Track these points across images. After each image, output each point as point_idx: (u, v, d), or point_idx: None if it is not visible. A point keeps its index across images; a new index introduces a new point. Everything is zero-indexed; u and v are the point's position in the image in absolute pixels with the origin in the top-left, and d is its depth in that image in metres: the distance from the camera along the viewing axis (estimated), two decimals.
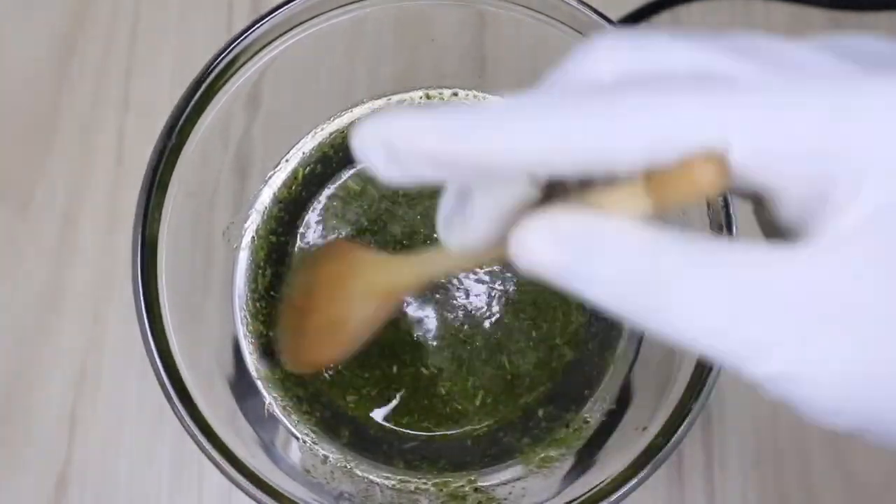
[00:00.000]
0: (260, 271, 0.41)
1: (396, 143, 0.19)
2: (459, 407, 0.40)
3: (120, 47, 0.48)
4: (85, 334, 0.44)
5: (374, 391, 0.40)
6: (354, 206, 0.42)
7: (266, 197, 0.41)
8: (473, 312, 0.40)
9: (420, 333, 0.40)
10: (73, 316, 0.44)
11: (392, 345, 0.40)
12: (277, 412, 0.39)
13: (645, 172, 0.18)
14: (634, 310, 0.18)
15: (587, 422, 0.38)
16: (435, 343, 0.40)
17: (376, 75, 0.42)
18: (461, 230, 0.22)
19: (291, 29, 0.36)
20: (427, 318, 0.40)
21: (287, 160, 0.42)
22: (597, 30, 0.35)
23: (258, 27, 0.34)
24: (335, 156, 0.42)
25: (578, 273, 0.18)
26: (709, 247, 0.18)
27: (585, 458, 0.37)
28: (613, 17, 0.35)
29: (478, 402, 0.40)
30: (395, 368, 0.40)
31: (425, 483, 0.38)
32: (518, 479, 0.37)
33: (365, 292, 0.29)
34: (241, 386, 0.38)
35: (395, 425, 0.40)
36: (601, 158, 0.18)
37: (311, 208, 0.42)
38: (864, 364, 0.18)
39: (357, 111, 0.42)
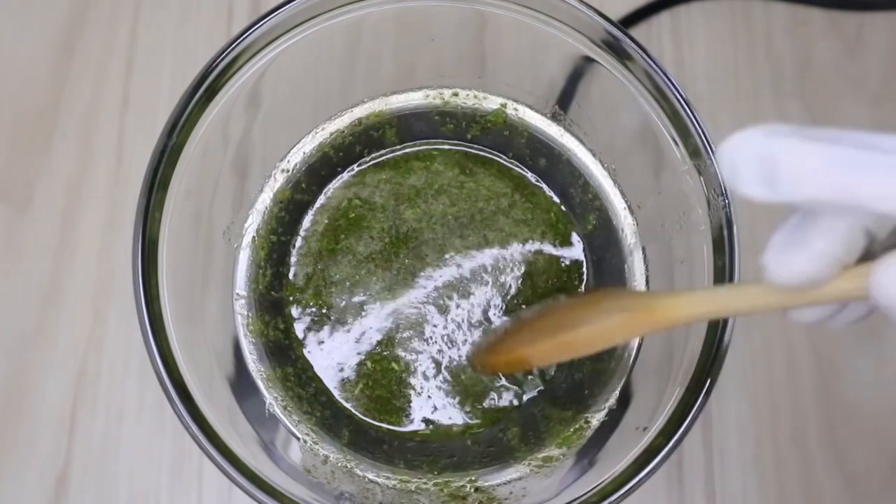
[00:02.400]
0: (260, 271, 0.41)
1: (779, 162, 0.19)
2: (459, 407, 0.40)
3: (120, 47, 0.48)
4: (85, 334, 0.44)
5: (375, 392, 0.40)
6: (356, 206, 0.42)
7: (266, 197, 0.41)
8: (473, 313, 0.40)
9: (422, 336, 0.40)
10: (73, 316, 0.44)
11: (392, 345, 0.40)
12: (277, 412, 0.39)
13: None
14: None
15: (587, 422, 0.38)
16: (435, 343, 0.40)
17: (376, 75, 0.42)
18: (797, 262, 0.22)
19: (291, 29, 0.36)
20: (428, 319, 0.40)
21: (287, 160, 0.42)
22: (597, 30, 0.35)
23: (258, 27, 0.34)
24: (335, 156, 0.42)
25: None
26: None
27: (585, 458, 0.36)
28: (613, 16, 0.35)
29: (478, 402, 0.40)
30: (392, 370, 0.40)
31: (425, 483, 0.38)
32: (518, 478, 0.37)
33: (614, 309, 0.30)
34: (241, 386, 0.38)
35: (395, 425, 0.40)
36: None
37: (312, 208, 0.42)
38: None
39: (357, 111, 0.42)
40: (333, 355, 0.40)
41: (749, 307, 0.26)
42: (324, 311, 0.41)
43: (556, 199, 0.42)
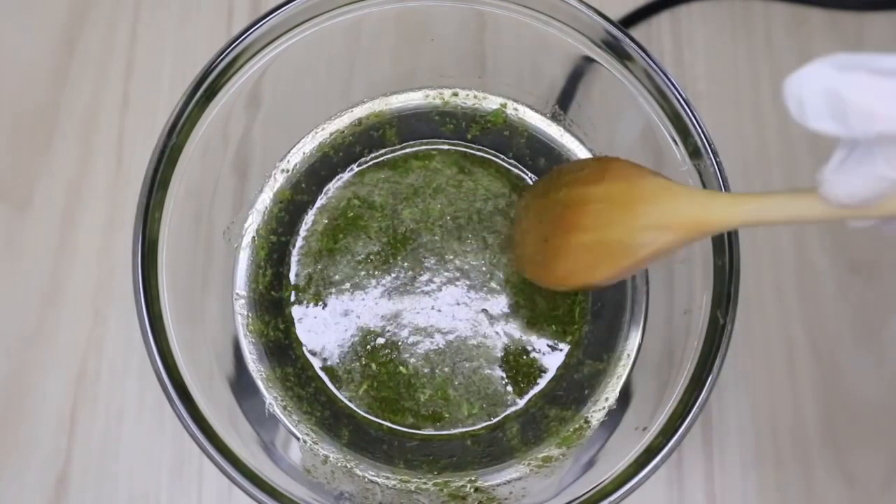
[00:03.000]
0: (260, 271, 0.41)
1: (848, 98, 0.19)
2: (459, 408, 0.40)
3: (120, 47, 0.48)
4: (85, 334, 0.44)
5: (375, 392, 0.40)
6: (355, 205, 0.42)
7: (266, 197, 0.41)
8: (473, 313, 0.40)
9: (421, 335, 0.40)
10: (73, 316, 0.44)
11: (391, 345, 0.40)
12: (277, 412, 0.39)
13: None
14: None
15: (587, 422, 0.38)
16: (434, 342, 0.40)
17: (376, 75, 0.42)
18: (855, 182, 0.21)
19: (291, 29, 0.36)
20: (428, 321, 0.40)
21: (287, 160, 0.42)
22: (597, 30, 0.35)
23: (258, 27, 0.34)
24: (335, 156, 0.42)
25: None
26: None
27: (585, 458, 0.37)
28: (613, 16, 0.35)
29: (478, 403, 0.40)
30: (392, 370, 0.40)
31: (425, 483, 0.38)
32: (518, 478, 0.37)
33: (665, 224, 0.28)
34: (241, 386, 0.38)
35: (395, 425, 0.40)
36: None
37: (312, 208, 0.42)
38: None
39: (357, 111, 0.42)
40: (333, 355, 0.40)
41: (803, 215, 0.26)
42: (324, 310, 0.41)
43: None
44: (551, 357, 0.40)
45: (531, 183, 0.42)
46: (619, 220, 0.30)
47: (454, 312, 0.40)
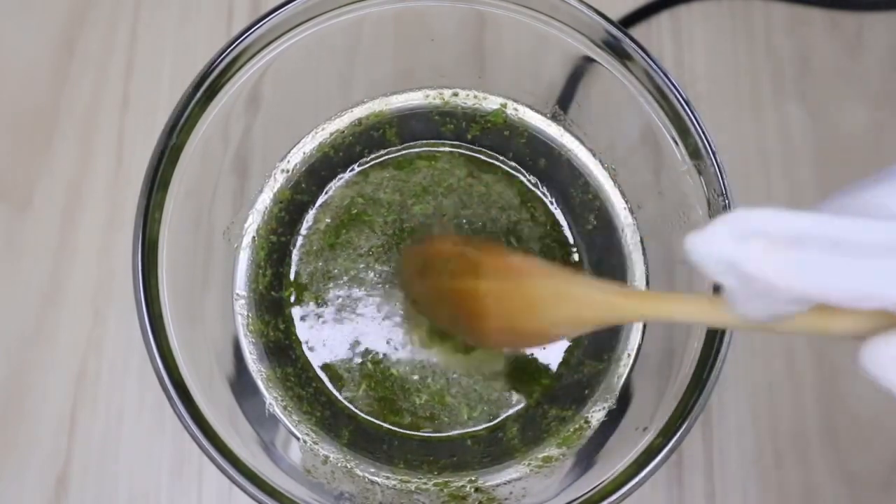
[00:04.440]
0: (260, 271, 0.41)
1: (746, 272, 0.20)
2: (459, 407, 0.40)
3: (120, 47, 0.48)
4: (85, 334, 0.44)
5: (375, 392, 0.40)
6: (359, 203, 0.42)
7: (266, 197, 0.41)
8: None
9: (421, 336, 0.40)
10: (73, 316, 0.44)
11: (395, 345, 0.40)
12: (277, 412, 0.39)
13: None
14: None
15: (587, 422, 0.38)
16: (435, 345, 0.40)
17: (376, 75, 0.42)
18: (755, 304, 0.22)
19: (291, 29, 0.36)
20: (428, 322, 0.40)
21: (287, 160, 0.42)
22: (597, 30, 0.35)
23: (258, 27, 0.34)
24: (335, 156, 0.42)
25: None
26: None
27: (585, 458, 0.37)
28: (613, 16, 0.35)
29: (478, 403, 0.40)
30: (393, 370, 0.40)
31: (426, 483, 0.38)
32: (518, 479, 0.37)
33: (571, 321, 0.29)
34: (241, 386, 0.38)
35: (395, 426, 0.40)
36: None
37: (312, 208, 0.42)
38: None
39: (357, 111, 0.42)
40: (334, 355, 0.40)
41: (702, 321, 0.26)
42: (324, 310, 0.41)
43: (554, 211, 0.42)
44: (551, 357, 0.40)
45: (531, 187, 0.43)
46: (523, 315, 0.31)
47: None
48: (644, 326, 0.39)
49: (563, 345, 0.40)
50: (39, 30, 0.48)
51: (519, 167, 0.43)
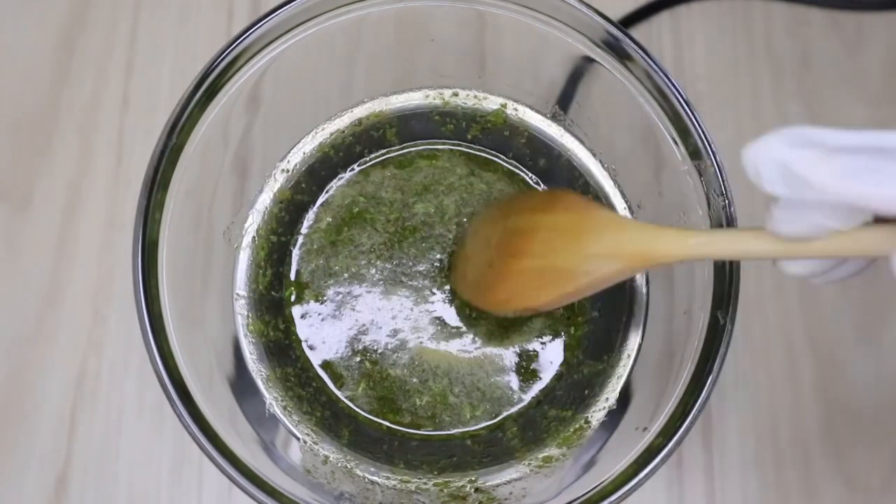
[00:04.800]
0: (260, 271, 0.41)
1: (796, 171, 0.22)
2: (460, 407, 0.40)
3: (120, 47, 0.48)
4: (85, 334, 0.44)
5: (375, 392, 0.40)
6: (360, 202, 0.42)
7: (266, 197, 0.41)
8: (473, 313, 0.40)
9: (420, 336, 0.40)
10: (73, 315, 0.44)
11: (395, 344, 0.40)
12: (277, 412, 0.39)
13: None
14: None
15: (587, 422, 0.38)
16: (435, 345, 0.40)
17: (376, 75, 0.42)
18: (797, 220, 0.24)
19: (291, 29, 0.36)
20: (428, 322, 0.40)
21: (287, 160, 0.42)
22: (597, 30, 0.35)
23: (258, 27, 0.34)
24: (335, 156, 0.42)
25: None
26: None
27: (585, 459, 0.37)
28: (613, 16, 0.35)
29: (478, 403, 0.40)
30: (393, 370, 0.40)
31: (426, 483, 0.38)
32: (518, 479, 0.37)
33: (611, 254, 0.30)
34: (241, 386, 0.38)
35: (395, 425, 0.40)
36: None
37: (312, 208, 0.42)
38: None
39: (357, 111, 0.42)
40: (334, 354, 0.40)
41: (746, 252, 0.28)
42: (325, 309, 0.41)
43: None
44: (552, 357, 0.40)
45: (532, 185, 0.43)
46: (566, 248, 0.31)
47: (455, 313, 0.40)
48: (644, 326, 0.39)
49: (565, 344, 0.40)
50: (39, 30, 0.48)
51: (520, 166, 0.43)
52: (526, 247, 0.33)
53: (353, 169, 0.43)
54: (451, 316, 0.40)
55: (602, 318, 0.41)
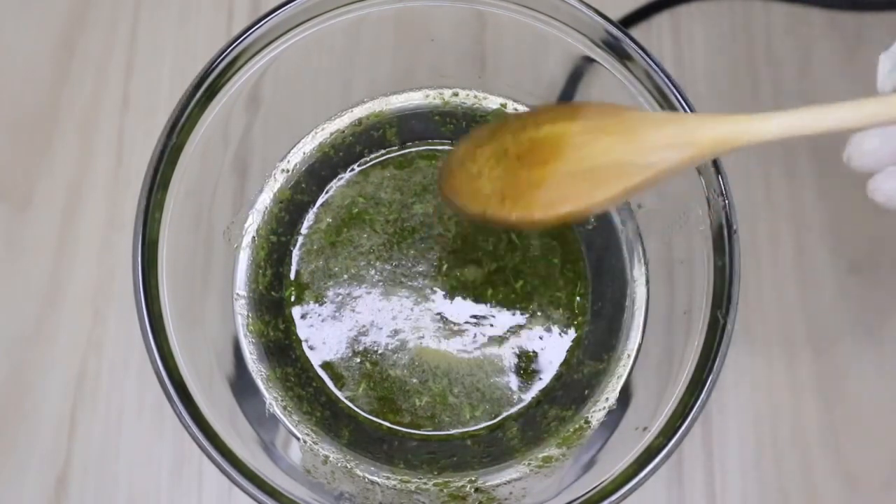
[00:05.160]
0: (260, 271, 0.41)
1: None
2: (459, 408, 0.40)
3: (120, 47, 0.48)
4: (85, 334, 0.44)
5: (375, 393, 0.40)
6: (362, 202, 0.42)
7: (266, 197, 0.41)
8: (473, 313, 0.40)
9: (420, 336, 0.40)
10: (73, 315, 0.44)
11: (395, 344, 0.40)
12: (277, 412, 0.39)
13: None
14: None
15: (587, 422, 0.38)
16: (436, 345, 0.40)
17: (376, 75, 0.42)
18: None
19: (291, 29, 0.36)
20: (428, 322, 0.40)
21: (287, 160, 0.42)
22: (597, 30, 0.35)
23: (258, 27, 0.34)
24: (335, 156, 0.42)
25: None
26: None
27: (585, 459, 0.37)
28: (613, 16, 0.35)
29: (478, 403, 0.40)
30: (393, 370, 0.40)
31: (426, 483, 0.38)
32: (518, 479, 0.37)
33: (680, 143, 0.28)
34: (241, 386, 0.38)
35: (395, 425, 0.40)
36: None
37: (312, 208, 0.42)
38: None
39: (357, 111, 0.42)
40: (335, 354, 0.40)
41: (833, 124, 0.27)
42: (325, 309, 0.41)
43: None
44: (552, 357, 0.40)
45: None
46: (619, 145, 0.30)
47: (455, 313, 0.40)
48: (644, 326, 0.39)
49: (565, 344, 0.40)
50: (39, 30, 0.48)
51: None
52: (565, 153, 0.31)
53: (352, 169, 0.43)
54: (451, 316, 0.40)
55: (602, 318, 0.41)
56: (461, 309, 0.41)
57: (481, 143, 0.34)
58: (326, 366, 0.40)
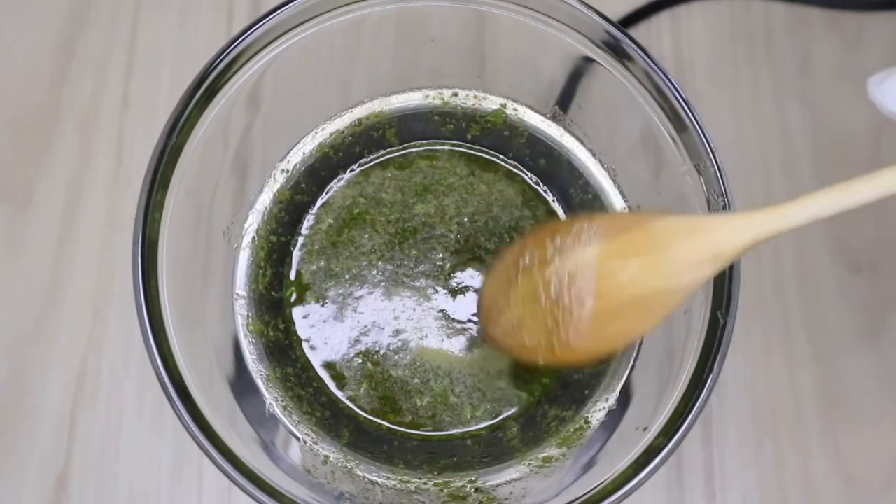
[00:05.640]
0: (260, 271, 0.41)
1: None
2: (460, 408, 0.40)
3: (120, 47, 0.48)
4: (85, 334, 0.44)
5: (376, 393, 0.40)
6: (361, 202, 0.42)
7: (266, 197, 0.41)
8: (474, 313, 0.40)
9: (421, 336, 0.40)
10: (73, 315, 0.44)
11: (396, 344, 0.40)
12: (277, 412, 0.39)
13: None
14: None
15: (587, 422, 0.38)
16: (437, 345, 0.40)
17: (376, 75, 0.42)
18: None
19: (291, 29, 0.36)
20: (430, 322, 0.40)
21: (287, 160, 0.42)
22: (597, 30, 0.35)
23: (258, 27, 0.34)
24: (335, 156, 0.42)
25: None
26: None
27: (585, 459, 0.37)
28: (613, 16, 0.35)
29: (478, 403, 0.40)
30: (394, 371, 0.40)
31: (426, 483, 0.38)
32: (518, 479, 0.37)
33: (707, 258, 0.28)
34: (241, 386, 0.38)
35: (395, 426, 0.40)
36: None
37: (312, 208, 0.42)
38: None
39: (357, 111, 0.42)
40: (335, 354, 0.40)
41: (847, 203, 0.26)
42: (325, 309, 0.41)
43: (556, 209, 0.42)
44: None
45: (532, 185, 0.43)
46: (652, 272, 0.29)
47: (455, 313, 0.40)
48: None
49: None
50: (39, 30, 0.48)
51: (520, 166, 0.43)
52: (602, 288, 0.30)
53: (353, 169, 0.43)
54: (453, 316, 0.40)
55: None
56: (463, 309, 0.41)
57: (510, 282, 0.33)
58: (327, 366, 0.40)
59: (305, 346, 0.40)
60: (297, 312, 0.41)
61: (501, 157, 0.43)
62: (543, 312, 0.32)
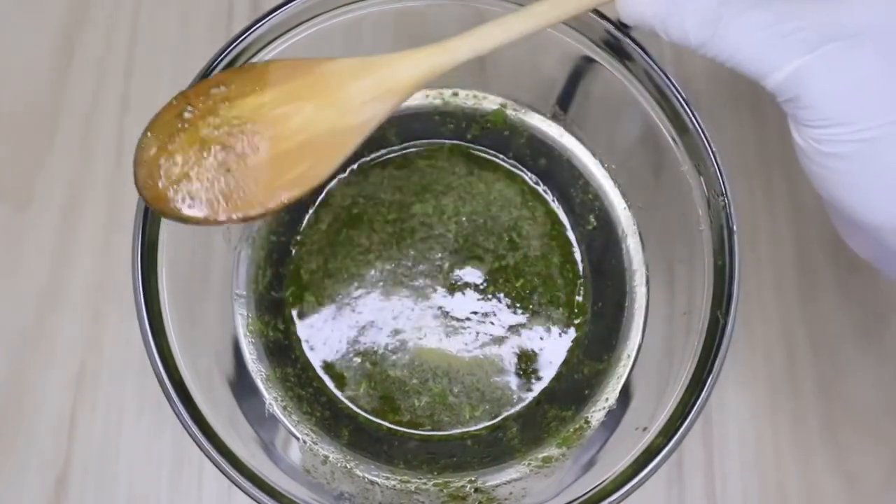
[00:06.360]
0: (260, 271, 0.41)
1: None
2: (459, 408, 0.40)
3: (120, 47, 0.48)
4: (84, 334, 0.44)
5: (375, 393, 0.40)
6: (362, 202, 0.42)
7: None
8: (473, 313, 0.40)
9: (420, 336, 0.40)
10: (73, 315, 0.44)
11: (395, 344, 0.40)
12: (277, 412, 0.39)
13: None
14: (702, 41, 0.30)
15: (587, 422, 0.38)
16: (436, 345, 0.40)
17: None
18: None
19: (291, 29, 0.36)
20: (428, 321, 0.40)
21: None
22: (597, 30, 0.35)
23: (258, 27, 0.34)
24: None
25: (667, 19, 0.29)
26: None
27: (585, 459, 0.36)
28: (613, 16, 0.35)
29: (477, 403, 0.40)
30: (393, 371, 0.40)
31: (426, 483, 0.38)
32: (518, 479, 0.37)
33: (384, 92, 0.29)
34: (241, 386, 0.38)
35: (395, 425, 0.40)
36: None
37: (312, 208, 0.42)
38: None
39: None
40: (335, 356, 0.40)
41: (538, 25, 0.29)
42: (325, 311, 0.41)
43: (555, 209, 0.42)
44: (552, 357, 0.40)
45: (533, 184, 0.43)
46: (324, 113, 0.29)
47: (454, 313, 0.40)
48: (644, 326, 0.39)
49: (565, 344, 0.40)
50: (39, 30, 0.48)
51: (520, 165, 0.43)
52: (272, 133, 0.29)
53: (352, 169, 0.42)
54: (452, 316, 0.40)
55: (602, 318, 0.41)
56: (461, 308, 0.41)
57: (171, 135, 0.31)
58: (327, 366, 0.40)
59: (305, 345, 0.40)
60: (296, 312, 0.41)
61: (501, 156, 0.43)
62: (211, 160, 0.30)
